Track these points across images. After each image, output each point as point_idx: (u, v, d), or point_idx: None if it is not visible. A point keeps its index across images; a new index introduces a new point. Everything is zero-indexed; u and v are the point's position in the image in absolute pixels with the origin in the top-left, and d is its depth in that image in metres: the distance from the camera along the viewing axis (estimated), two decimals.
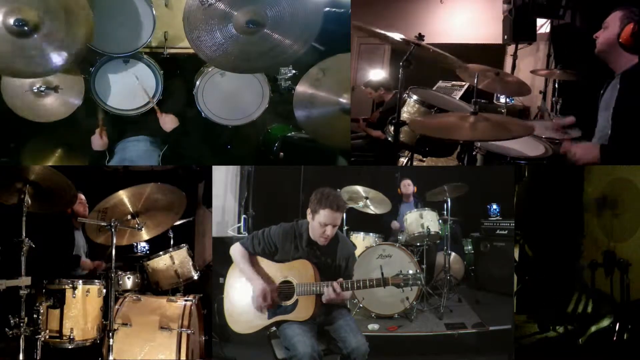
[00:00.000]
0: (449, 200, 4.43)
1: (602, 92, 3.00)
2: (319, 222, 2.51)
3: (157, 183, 3.16)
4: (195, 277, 3.65)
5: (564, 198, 3.97)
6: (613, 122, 2.81)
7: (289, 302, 2.55)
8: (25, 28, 2.71)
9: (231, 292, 2.71)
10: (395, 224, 4.73)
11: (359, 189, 4.50)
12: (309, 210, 2.57)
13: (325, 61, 3.19)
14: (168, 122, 3.22)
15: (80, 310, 2.83)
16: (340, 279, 2.51)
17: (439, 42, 6.05)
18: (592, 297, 3.58)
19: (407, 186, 4.91)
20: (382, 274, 2.50)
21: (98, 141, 3.18)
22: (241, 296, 2.67)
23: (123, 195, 3.12)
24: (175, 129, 3.27)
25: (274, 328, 2.60)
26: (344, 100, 3.22)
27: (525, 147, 3.33)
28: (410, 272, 2.50)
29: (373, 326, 3.82)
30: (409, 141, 3.34)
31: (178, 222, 3.70)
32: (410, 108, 3.39)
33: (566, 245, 3.91)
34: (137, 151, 3.36)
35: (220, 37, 2.88)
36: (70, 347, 2.79)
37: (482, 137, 2.71)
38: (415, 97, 3.39)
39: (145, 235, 3.43)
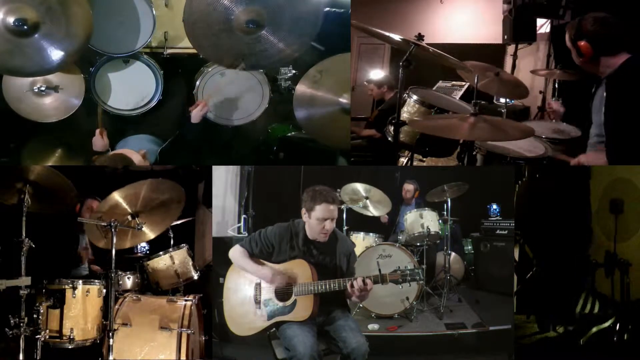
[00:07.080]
0: (449, 200, 4.43)
1: (593, 91, 2.97)
2: (317, 219, 2.52)
3: (153, 179, 3.13)
4: (195, 277, 3.64)
5: (566, 198, 3.95)
6: (606, 127, 2.78)
7: (288, 303, 2.55)
8: (25, 27, 2.71)
9: (230, 295, 2.71)
10: (384, 218, 4.75)
11: (359, 187, 4.50)
12: (303, 210, 2.57)
13: (323, 62, 3.19)
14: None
15: (80, 310, 2.83)
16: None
17: (439, 42, 6.06)
18: (598, 298, 3.58)
19: (410, 190, 4.91)
20: (380, 270, 2.49)
21: (99, 142, 3.17)
22: (241, 298, 2.66)
23: (119, 195, 3.10)
24: (175, 129, 3.27)
25: (274, 328, 2.60)
26: (344, 100, 3.22)
27: (525, 147, 3.33)
28: (409, 267, 2.50)
29: (373, 326, 3.82)
30: (409, 141, 3.34)
31: (178, 222, 3.69)
32: (410, 108, 3.39)
33: (570, 245, 3.90)
34: (137, 148, 3.35)
35: (217, 30, 2.88)
36: (70, 347, 2.78)
37: (480, 137, 2.73)
38: (415, 97, 3.39)
39: (148, 234, 3.39)
